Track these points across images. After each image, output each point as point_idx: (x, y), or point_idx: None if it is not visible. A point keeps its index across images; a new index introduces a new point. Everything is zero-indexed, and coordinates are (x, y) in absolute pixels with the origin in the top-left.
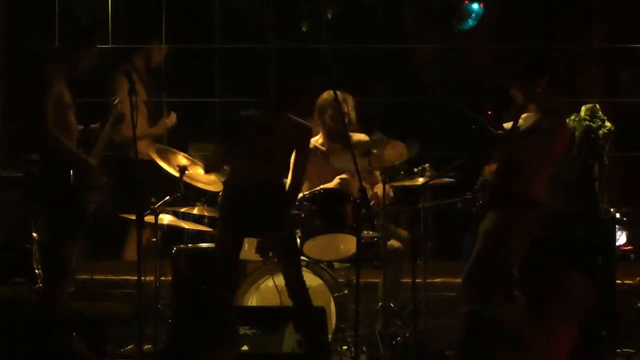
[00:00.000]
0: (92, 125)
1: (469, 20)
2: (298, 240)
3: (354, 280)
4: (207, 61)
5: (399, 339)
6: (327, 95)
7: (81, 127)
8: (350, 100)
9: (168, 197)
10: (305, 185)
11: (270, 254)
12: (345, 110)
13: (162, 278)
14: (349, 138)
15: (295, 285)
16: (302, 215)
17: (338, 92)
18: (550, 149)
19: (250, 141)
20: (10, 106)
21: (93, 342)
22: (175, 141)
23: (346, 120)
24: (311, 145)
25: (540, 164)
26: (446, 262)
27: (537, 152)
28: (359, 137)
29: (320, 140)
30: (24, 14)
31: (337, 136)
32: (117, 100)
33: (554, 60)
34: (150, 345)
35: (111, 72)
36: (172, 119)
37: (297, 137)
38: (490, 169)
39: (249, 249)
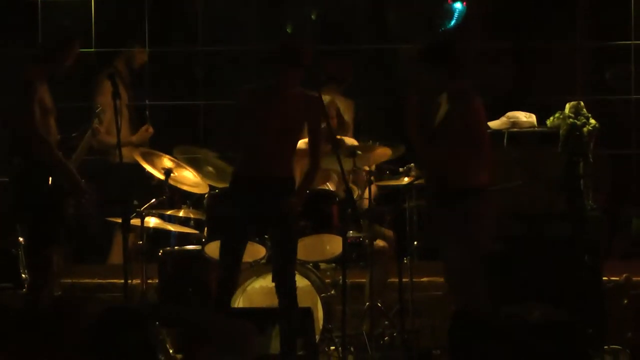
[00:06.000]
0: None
1: (452, 19)
2: None
3: (341, 281)
4: (190, 64)
5: (386, 338)
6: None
7: (59, 136)
8: (340, 103)
9: (154, 200)
10: None
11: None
12: (333, 112)
13: (148, 281)
14: (334, 140)
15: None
16: None
17: (326, 95)
18: (471, 128)
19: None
20: None
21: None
22: (160, 144)
23: (334, 122)
24: (300, 146)
25: (468, 146)
26: (432, 261)
27: (460, 137)
28: (349, 141)
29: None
30: (7, 20)
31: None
32: (99, 109)
33: (453, 45)
34: None
35: (93, 76)
36: (149, 130)
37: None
38: None
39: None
